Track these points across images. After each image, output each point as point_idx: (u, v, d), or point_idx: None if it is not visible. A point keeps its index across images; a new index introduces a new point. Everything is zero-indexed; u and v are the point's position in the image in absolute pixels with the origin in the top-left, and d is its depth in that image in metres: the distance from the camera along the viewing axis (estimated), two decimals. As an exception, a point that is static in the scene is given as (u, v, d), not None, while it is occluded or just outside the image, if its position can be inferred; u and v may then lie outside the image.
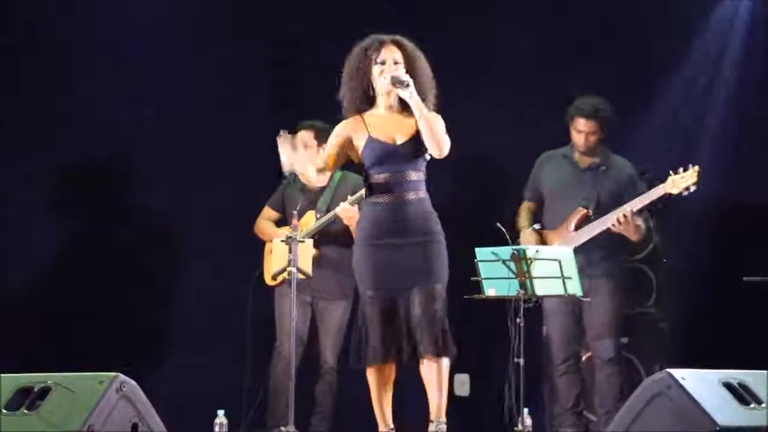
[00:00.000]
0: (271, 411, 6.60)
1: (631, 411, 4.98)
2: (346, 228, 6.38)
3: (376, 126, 5.15)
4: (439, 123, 5.11)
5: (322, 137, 6.70)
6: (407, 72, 5.09)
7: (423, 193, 5.15)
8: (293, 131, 6.72)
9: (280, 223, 6.78)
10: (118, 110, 7.27)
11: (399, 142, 5.12)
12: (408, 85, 5.02)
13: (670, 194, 6.24)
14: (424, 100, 5.08)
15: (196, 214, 7.39)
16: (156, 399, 5.07)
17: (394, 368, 5.12)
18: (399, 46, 5.16)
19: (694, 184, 6.20)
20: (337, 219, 6.47)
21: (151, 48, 7.32)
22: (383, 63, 5.13)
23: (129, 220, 7.48)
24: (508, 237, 5.68)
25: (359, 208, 6.24)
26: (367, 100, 5.19)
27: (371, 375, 5.12)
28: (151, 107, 7.43)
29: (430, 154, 5.12)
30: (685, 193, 6.22)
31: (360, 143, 5.16)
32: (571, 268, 5.63)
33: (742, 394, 4.94)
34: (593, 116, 6.49)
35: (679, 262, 7.20)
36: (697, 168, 6.22)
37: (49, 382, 4.87)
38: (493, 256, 5.57)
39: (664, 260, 7.10)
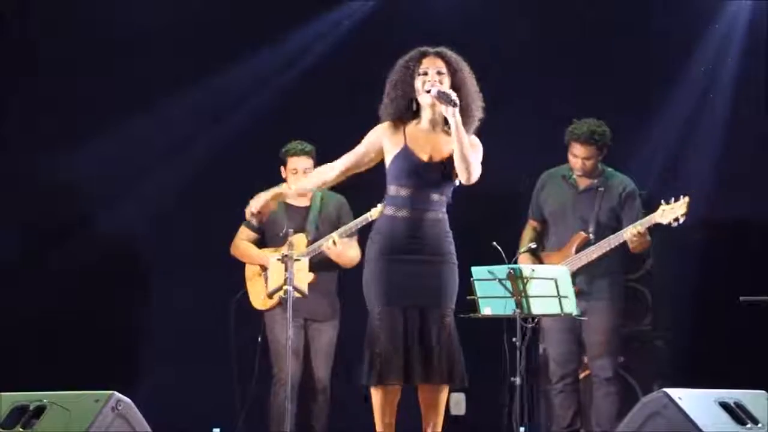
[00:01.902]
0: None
1: (627, 430, 4.97)
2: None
3: (414, 138, 5.03)
4: (476, 151, 4.99)
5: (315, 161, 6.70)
6: (451, 85, 4.96)
7: (442, 214, 5.04)
8: (284, 154, 6.69)
9: (258, 244, 6.72)
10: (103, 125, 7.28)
11: (431, 161, 5.00)
12: (455, 105, 4.87)
13: (660, 224, 6.22)
14: (467, 116, 4.95)
15: (183, 233, 7.39)
16: (151, 418, 5.06)
17: (400, 388, 5.00)
18: (442, 57, 5.03)
19: (683, 215, 6.17)
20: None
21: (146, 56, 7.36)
22: (425, 74, 5.00)
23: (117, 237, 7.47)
24: (504, 256, 5.67)
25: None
26: (410, 111, 5.06)
27: (376, 394, 4.98)
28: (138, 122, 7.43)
29: (459, 180, 4.99)
30: (674, 224, 6.19)
31: (393, 150, 5.02)
32: (567, 287, 5.62)
33: (738, 414, 4.94)
34: (589, 142, 6.44)
35: (675, 280, 7.19)
36: (687, 199, 6.18)
37: (44, 400, 4.86)
38: (489, 275, 5.56)
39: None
